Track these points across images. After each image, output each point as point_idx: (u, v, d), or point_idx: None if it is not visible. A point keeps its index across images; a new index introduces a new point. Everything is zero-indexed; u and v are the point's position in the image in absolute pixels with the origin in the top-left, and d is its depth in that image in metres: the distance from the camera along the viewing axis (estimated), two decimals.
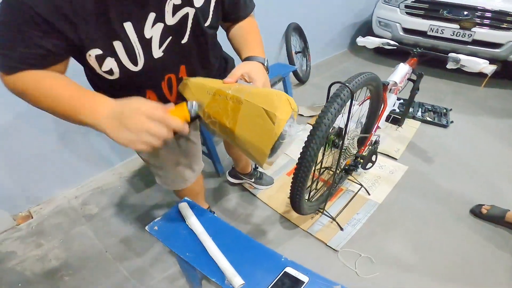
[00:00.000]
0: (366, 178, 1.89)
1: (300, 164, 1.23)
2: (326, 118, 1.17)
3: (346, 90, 1.19)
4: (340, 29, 3.78)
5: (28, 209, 1.83)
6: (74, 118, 0.64)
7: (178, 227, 0.98)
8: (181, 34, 0.80)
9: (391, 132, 2.32)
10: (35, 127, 1.66)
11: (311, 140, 1.19)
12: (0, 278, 1.46)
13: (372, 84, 1.50)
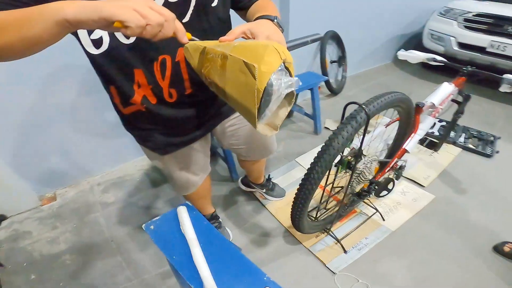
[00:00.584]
0: (384, 203, 1.77)
1: (302, 185, 1.18)
2: (336, 141, 1.10)
3: (363, 113, 1.10)
4: (385, 40, 3.58)
5: (54, 191, 1.97)
6: (36, 14, 0.50)
7: (172, 229, 0.98)
8: (183, 12, 0.76)
9: (425, 157, 2.14)
10: (72, 118, 1.79)
11: (317, 161, 1.13)
12: (9, 257, 1.58)
13: (400, 105, 1.38)
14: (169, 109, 0.90)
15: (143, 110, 0.88)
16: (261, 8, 0.87)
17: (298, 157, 2.12)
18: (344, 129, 1.10)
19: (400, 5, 3.30)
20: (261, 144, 1.31)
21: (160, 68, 0.81)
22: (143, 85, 0.82)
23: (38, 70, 1.56)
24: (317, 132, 2.35)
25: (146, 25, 0.50)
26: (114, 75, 0.78)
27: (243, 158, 1.46)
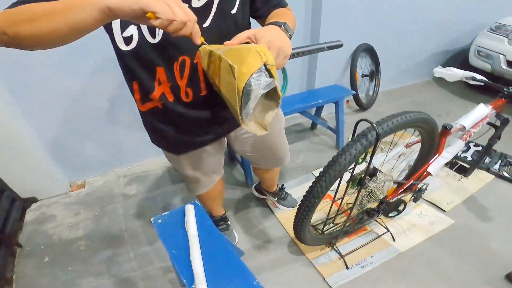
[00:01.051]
0: (398, 224, 1.70)
1: (305, 198, 1.19)
2: (344, 158, 1.09)
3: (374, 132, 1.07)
4: (427, 55, 3.39)
5: (84, 179, 2.14)
6: (80, 3, 0.55)
7: (177, 225, 1.05)
8: (204, 17, 0.81)
9: (452, 181, 2.01)
10: (109, 110, 1.95)
11: (322, 176, 1.13)
12: (31, 238, 1.73)
13: (421, 126, 1.32)
14: (185, 108, 0.94)
15: (160, 107, 0.93)
16: (276, 16, 0.90)
17: (316, 170, 2.09)
18: (352, 147, 1.08)
19: (445, 18, 3.12)
20: (272, 154, 1.33)
21: (179, 68, 0.86)
22: (163, 83, 0.88)
23: (85, 62, 1.72)
24: (339, 147, 2.30)
25: (173, 20, 0.57)
26: (138, 71, 0.85)
27: (255, 165, 1.49)
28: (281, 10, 0.94)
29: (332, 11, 2.27)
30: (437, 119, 2.53)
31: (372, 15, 2.59)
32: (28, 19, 0.56)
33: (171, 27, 0.58)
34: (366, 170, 1.19)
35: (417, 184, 1.57)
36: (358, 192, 1.26)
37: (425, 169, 1.49)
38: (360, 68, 2.79)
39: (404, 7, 2.75)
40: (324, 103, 2.17)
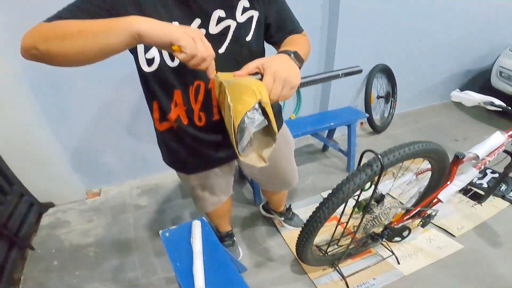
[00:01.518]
0: (404, 247, 1.68)
1: (308, 221, 1.21)
2: (348, 186, 1.10)
3: (378, 163, 1.08)
4: (446, 76, 3.29)
5: (100, 188, 2.22)
6: (113, 26, 0.59)
7: (184, 239, 1.10)
8: (220, 43, 0.85)
9: (464, 207, 1.95)
10: (129, 123, 2.04)
11: (325, 202, 1.15)
12: (43, 242, 1.80)
13: (430, 156, 1.31)
14: (197, 131, 0.98)
15: (175, 127, 0.98)
16: (289, 43, 0.92)
17: (324, 191, 2.09)
18: (357, 176, 1.09)
19: (466, 37, 3.03)
20: (280, 178, 1.35)
21: (194, 92, 0.90)
22: (179, 105, 0.92)
23: (113, 75, 1.82)
24: (349, 170, 2.28)
25: (195, 56, 0.61)
26: (158, 92, 0.89)
27: (263, 187, 1.52)
28: (295, 36, 0.96)
29: (347, 31, 2.28)
30: (454, 144, 2.57)
31: (389, 34, 2.57)
32: (61, 36, 0.59)
33: (192, 61, 0.62)
34: (371, 198, 1.19)
35: (426, 210, 1.55)
36: (362, 217, 1.26)
37: (435, 196, 1.47)
38: (375, 89, 2.77)
39: (422, 26, 2.70)
40: (336, 126, 2.17)
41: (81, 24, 0.60)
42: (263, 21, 0.91)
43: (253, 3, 0.86)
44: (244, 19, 0.86)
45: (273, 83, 0.71)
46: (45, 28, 0.61)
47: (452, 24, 2.86)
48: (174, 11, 0.77)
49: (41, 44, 0.59)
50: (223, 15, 0.82)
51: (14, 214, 1.73)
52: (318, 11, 2.25)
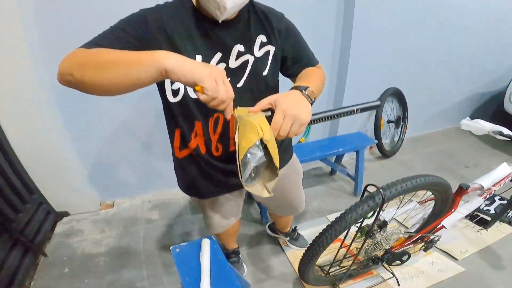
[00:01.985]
0: (406, 270, 1.70)
1: (311, 245, 1.26)
2: (350, 216, 1.15)
3: (380, 196, 1.12)
4: (459, 99, 3.26)
5: (113, 200, 2.31)
6: (144, 60, 0.61)
7: (193, 256, 1.16)
8: (238, 77, 0.90)
9: (469, 232, 1.96)
10: (146, 139, 2.14)
11: (328, 230, 1.20)
12: (56, 249, 1.88)
13: (433, 188, 1.35)
14: (214, 160, 1.03)
15: (193, 155, 1.03)
16: (303, 77, 0.94)
17: (330, 214, 2.11)
18: (359, 207, 1.14)
19: (480, 60, 3.02)
20: (288, 205, 1.41)
21: (213, 124, 0.95)
22: (199, 135, 0.97)
23: (134, 93, 1.88)
24: (356, 194, 2.30)
25: (216, 98, 0.63)
26: (181, 121, 0.94)
27: (271, 211, 1.58)
28: (310, 70, 0.99)
29: (360, 54, 2.30)
30: (464, 170, 2.57)
31: (401, 57, 2.57)
32: (95, 66, 0.62)
33: (212, 103, 0.64)
34: (372, 225, 1.22)
35: (429, 236, 1.57)
36: (363, 242, 1.29)
37: (439, 222, 1.50)
38: (386, 114, 2.77)
39: (435, 49, 2.71)
40: (345, 152, 2.20)
41: (114, 56, 0.64)
42: (279, 56, 0.96)
43: (270, 38, 0.92)
44: (261, 53, 0.91)
45: (283, 120, 0.73)
46: (82, 55, 0.65)
47: (465, 47, 2.86)
48: (199, 45, 0.83)
49: (76, 71, 0.62)
50: (242, 50, 0.88)
51: (32, 222, 1.81)
52: (331, 34, 2.31)
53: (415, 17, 2.44)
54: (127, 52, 0.65)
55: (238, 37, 0.87)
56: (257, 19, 0.91)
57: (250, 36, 0.89)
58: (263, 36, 0.91)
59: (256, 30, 0.90)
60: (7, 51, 1.56)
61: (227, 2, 0.72)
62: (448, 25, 2.65)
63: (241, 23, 0.88)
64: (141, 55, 0.62)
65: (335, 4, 2.20)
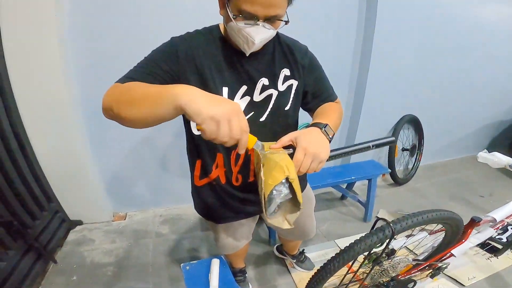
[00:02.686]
0: None
1: (317, 272, 1.25)
2: (359, 246, 1.15)
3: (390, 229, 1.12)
4: (477, 127, 3.19)
5: (126, 212, 2.36)
6: (164, 96, 0.62)
7: (202, 274, 1.20)
8: (261, 111, 0.92)
9: (479, 259, 1.91)
10: (163, 154, 2.19)
11: (336, 258, 1.19)
12: (66, 257, 1.91)
13: (446, 222, 1.34)
14: (233, 189, 1.05)
15: (213, 184, 1.05)
16: (322, 113, 0.96)
17: (339, 239, 2.09)
18: (369, 238, 1.14)
19: (501, 87, 2.96)
20: (300, 231, 1.42)
21: (235, 157, 0.98)
22: (220, 167, 1.00)
23: None
24: (366, 220, 2.27)
25: (215, 138, 0.62)
26: (203, 153, 0.98)
27: (281, 236, 1.59)
28: (328, 106, 1.00)
29: (376, 81, 2.32)
30: (479, 200, 2.52)
31: (418, 83, 2.56)
32: (128, 102, 0.66)
33: (214, 141, 0.63)
34: (381, 254, 1.22)
35: (437, 263, 1.54)
36: (371, 269, 1.29)
37: (446, 253, 1.48)
38: (401, 141, 2.74)
39: (453, 76, 2.68)
40: (357, 180, 2.19)
41: (142, 92, 0.67)
42: (301, 90, 0.98)
43: (293, 72, 0.95)
44: (284, 88, 0.93)
45: (304, 157, 0.75)
46: (118, 91, 0.71)
47: (485, 71, 2.81)
48: (226, 76, 0.86)
49: (114, 107, 0.68)
50: (267, 83, 0.90)
51: (47, 229, 1.86)
52: (349, 60, 2.34)
53: (433, 42, 2.45)
54: (153, 87, 0.67)
55: (263, 71, 0.90)
56: (281, 52, 0.93)
57: (275, 70, 0.91)
58: (286, 70, 0.93)
59: (281, 63, 0.92)
60: (40, 63, 1.64)
61: (255, 37, 0.76)
62: (468, 50, 2.64)
63: (267, 56, 0.91)
64: (162, 91, 0.63)
65: (354, 28, 2.25)
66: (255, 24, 0.75)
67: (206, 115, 0.59)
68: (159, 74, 0.79)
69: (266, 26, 0.77)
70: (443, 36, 2.46)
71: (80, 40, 1.74)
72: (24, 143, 1.78)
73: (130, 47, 1.70)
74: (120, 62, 1.82)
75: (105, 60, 1.80)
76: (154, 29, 1.65)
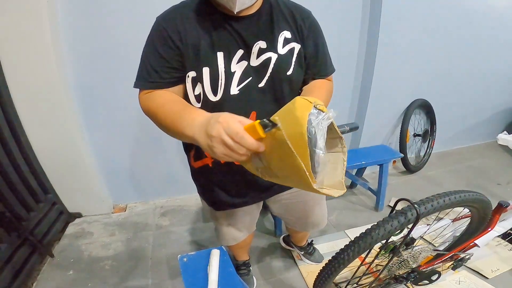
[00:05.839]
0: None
1: (330, 262, 1.14)
2: (377, 232, 1.02)
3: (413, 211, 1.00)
4: (492, 113, 3.07)
5: (126, 204, 2.28)
6: (179, 130, 0.72)
7: (201, 266, 1.09)
8: (260, 77, 0.85)
9: (502, 251, 1.79)
10: (160, 151, 2.13)
11: (350, 246, 1.08)
12: (64, 250, 1.84)
13: (472, 205, 1.21)
14: (232, 171, 0.97)
15: (210, 166, 0.98)
16: (311, 91, 0.91)
17: (349, 229, 1.98)
18: (388, 223, 1.02)
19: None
20: (310, 221, 1.31)
21: None
22: None
23: None
24: (378, 209, 2.15)
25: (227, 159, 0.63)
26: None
27: (290, 226, 1.48)
28: (320, 84, 0.94)
29: (385, 62, 2.20)
30: (496, 188, 2.38)
31: (429, 67, 2.46)
32: (160, 126, 0.80)
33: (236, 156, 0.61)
34: (401, 243, 1.10)
35: (460, 254, 1.44)
36: (389, 260, 1.16)
37: (472, 241, 1.38)
38: (412, 126, 2.63)
39: (468, 59, 2.58)
40: (368, 165, 2.07)
41: (168, 124, 0.76)
42: (303, 54, 0.89)
43: (295, 34, 0.87)
44: (285, 51, 0.86)
45: None
46: (150, 111, 0.82)
47: (499, 57, 2.71)
48: (217, 41, 0.81)
49: (149, 117, 0.84)
50: (264, 47, 0.83)
51: (43, 221, 1.79)
52: (356, 41, 2.23)
53: (446, 27, 2.34)
54: (175, 120, 0.74)
55: (259, 33, 0.83)
56: (281, 14, 0.86)
57: (273, 32, 0.84)
58: (287, 32, 0.86)
59: (280, 25, 0.85)
60: (33, 52, 1.58)
61: None
62: (482, 36, 2.53)
63: (263, 18, 0.84)
64: (180, 126, 0.72)
65: (360, 9, 2.13)
66: None
67: (205, 147, 0.64)
68: (166, 65, 0.81)
69: None
70: (457, 22, 2.36)
71: (74, 26, 1.67)
72: (19, 132, 1.70)
73: (124, 32, 1.70)
74: (114, 49, 1.79)
75: (100, 47, 1.73)
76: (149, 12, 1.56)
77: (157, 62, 0.81)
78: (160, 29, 0.81)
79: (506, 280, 1.59)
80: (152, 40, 0.82)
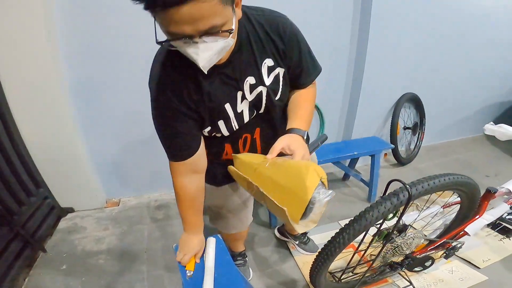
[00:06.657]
0: (424, 278, 1.60)
1: (326, 246, 1.17)
2: (371, 214, 1.05)
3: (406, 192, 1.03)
4: (480, 107, 3.15)
5: (119, 198, 2.26)
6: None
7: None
8: (258, 107, 0.93)
9: (491, 241, 1.85)
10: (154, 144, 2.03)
11: (346, 229, 1.11)
12: (56, 245, 1.82)
13: (460, 189, 1.25)
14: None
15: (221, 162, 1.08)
16: (296, 106, 0.98)
17: (342, 220, 2.01)
18: (382, 204, 1.05)
19: (502, 68, 2.92)
20: None
21: (242, 143, 1.01)
22: (229, 154, 1.04)
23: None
24: (370, 200, 2.19)
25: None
26: (211, 147, 1.02)
27: None
28: (301, 96, 0.99)
29: (376, 57, 2.23)
30: (485, 180, 2.44)
31: (419, 62, 2.50)
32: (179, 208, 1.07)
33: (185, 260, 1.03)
34: (394, 227, 1.12)
35: (451, 242, 1.47)
36: (383, 246, 1.19)
37: (462, 229, 1.41)
38: (402, 119, 2.68)
39: (456, 54, 2.63)
40: (360, 156, 2.11)
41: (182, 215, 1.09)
42: (287, 73, 0.92)
43: (276, 59, 0.87)
44: (271, 80, 0.88)
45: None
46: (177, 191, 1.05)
47: (486, 53, 2.78)
48: (223, 91, 0.85)
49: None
50: (253, 82, 0.86)
51: (35, 216, 1.76)
52: (347, 36, 2.24)
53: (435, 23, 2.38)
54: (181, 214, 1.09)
55: (246, 69, 0.84)
56: (259, 40, 0.83)
57: (257, 64, 0.85)
58: (269, 59, 0.86)
59: (261, 55, 0.84)
60: (27, 44, 1.56)
61: (198, 59, 0.66)
62: (470, 32, 2.59)
63: (244, 53, 0.82)
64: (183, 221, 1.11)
65: (351, 9, 2.15)
66: (193, 43, 0.64)
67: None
68: (183, 132, 0.88)
69: (208, 40, 0.65)
70: (445, 18, 2.40)
71: (69, 22, 1.65)
72: (10, 125, 1.67)
73: (120, 29, 1.69)
74: (110, 45, 1.78)
75: (95, 42, 1.72)
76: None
77: (181, 139, 0.90)
78: (162, 102, 0.84)
79: (497, 270, 1.63)
80: (162, 119, 0.89)
